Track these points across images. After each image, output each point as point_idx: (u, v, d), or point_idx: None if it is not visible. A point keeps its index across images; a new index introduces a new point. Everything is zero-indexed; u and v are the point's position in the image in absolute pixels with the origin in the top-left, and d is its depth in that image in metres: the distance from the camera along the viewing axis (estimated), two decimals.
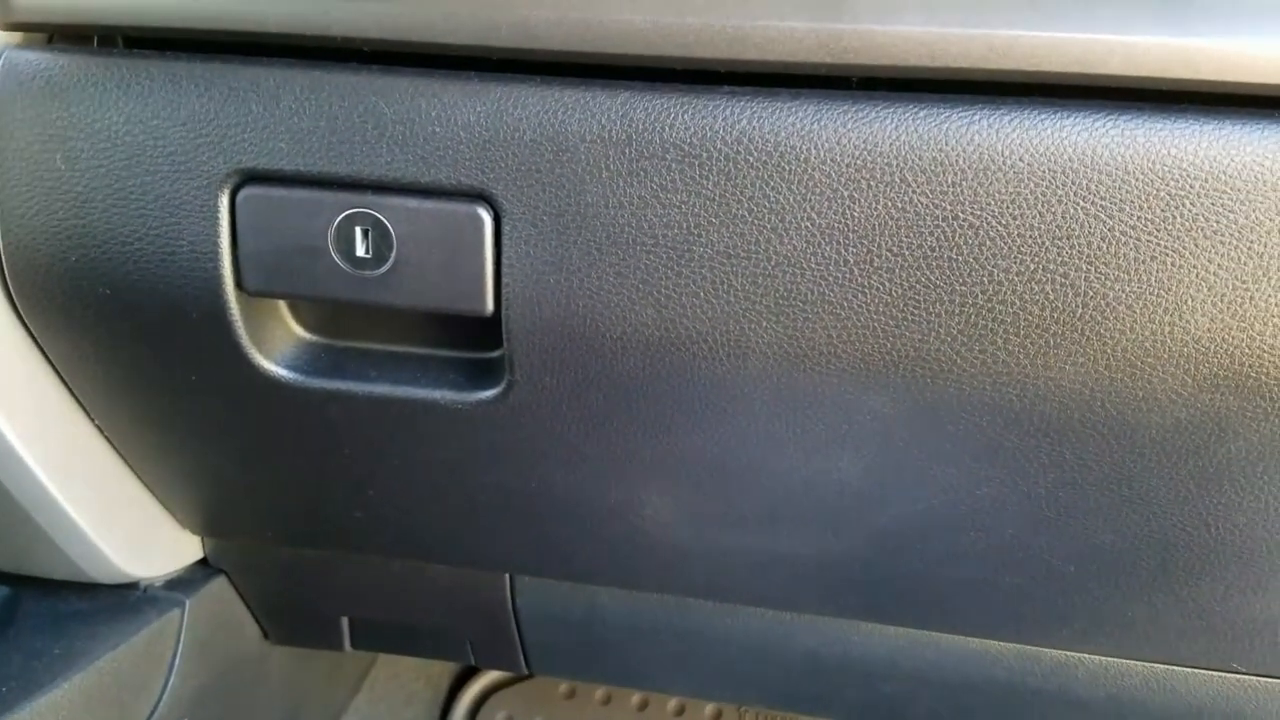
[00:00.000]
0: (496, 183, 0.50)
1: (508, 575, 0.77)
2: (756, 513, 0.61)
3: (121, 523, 0.69)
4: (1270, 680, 0.69)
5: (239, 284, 0.53)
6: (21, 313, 0.58)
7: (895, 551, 0.61)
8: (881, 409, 0.52)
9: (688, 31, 0.47)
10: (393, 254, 0.51)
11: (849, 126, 0.47)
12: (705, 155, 0.48)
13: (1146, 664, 0.71)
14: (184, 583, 0.77)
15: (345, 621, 0.84)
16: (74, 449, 0.65)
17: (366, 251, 0.51)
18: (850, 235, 0.48)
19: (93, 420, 0.64)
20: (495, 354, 0.56)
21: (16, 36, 0.55)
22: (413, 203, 0.51)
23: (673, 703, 1.20)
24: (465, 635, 0.83)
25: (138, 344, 0.57)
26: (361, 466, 0.63)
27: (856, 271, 0.48)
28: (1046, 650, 0.72)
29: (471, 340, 0.58)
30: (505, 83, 0.49)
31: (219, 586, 0.79)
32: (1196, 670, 0.70)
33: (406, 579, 0.78)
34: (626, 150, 0.49)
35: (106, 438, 0.66)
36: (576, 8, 0.48)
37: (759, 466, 0.57)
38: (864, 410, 0.52)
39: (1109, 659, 0.71)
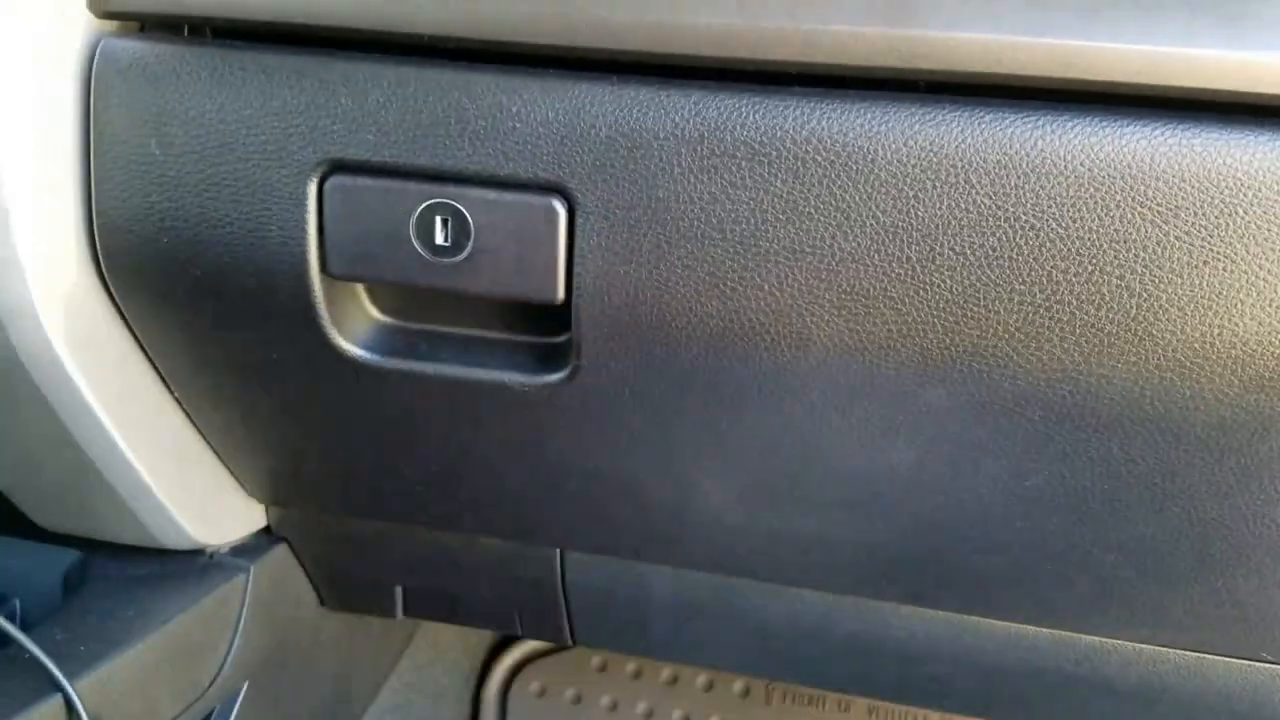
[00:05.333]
0: (572, 176, 0.52)
1: (559, 550, 0.79)
2: (807, 497, 0.63)
3: (193, 490, 0.72)
4: None
5: (324, 268, 0.56)
6: (111, 289, 0.60)
7: (941, 539, 0.63)
8: (936, 401, 0.54)
9: (761, 34, 0.49)
10: (470, 243, 0.54)
11: (915, 128, 0.49)
12: (775, 154, 0.50)
13: (1178, 651, 0.72)
14: (248, 550, 0.80)
15: (399, 590, 0.87)
16: (153, 419, 0.67)
17: (446, 240, 0.54)
18: (914, 233, 0.50)
19: (171, 392, 0.67)
20: (562, 339, 0.59)
21: (111, 25, 0.58)
22: (491, 194, 0.53)
23: (702, 678, 1.22)
24: (514, 607, 0.85)
25: (223, 323, 0.60)
26: (428, 443, 0.65)
27: (919, 268, 0.50)
28: (1081, 636, 0.74)
29: (540, 326, 0.60)
30: (583, 81, 0.51)
31: (281, 554, 0.82)
32: (1227, 659, 0.72)
33: (460, 551, 0.81)
34: (698, 148, 0.50)
35: (184, 409, 0.68)
36: (654, 10, 0.50)
37: (813, 454, 0.59)
38: (919, 402, 0.54)
39: (1142, 646, 0.73)
